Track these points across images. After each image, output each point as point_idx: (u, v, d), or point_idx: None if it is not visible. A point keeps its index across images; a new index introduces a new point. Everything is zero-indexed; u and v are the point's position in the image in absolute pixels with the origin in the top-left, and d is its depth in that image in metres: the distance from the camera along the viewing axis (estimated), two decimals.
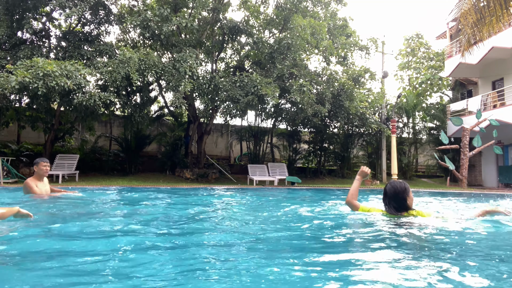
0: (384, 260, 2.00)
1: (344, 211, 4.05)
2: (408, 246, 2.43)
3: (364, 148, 19.73)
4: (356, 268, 1.89)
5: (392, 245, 2.41)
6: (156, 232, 2.89)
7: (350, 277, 1.71)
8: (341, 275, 1.75)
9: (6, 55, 11.57)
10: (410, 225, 3.08)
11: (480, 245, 2.55)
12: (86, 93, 10.54)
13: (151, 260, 1.98)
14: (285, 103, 15.31)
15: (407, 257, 2.09)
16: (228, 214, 4.33)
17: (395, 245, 2.41)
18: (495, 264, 2.01)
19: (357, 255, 2.22)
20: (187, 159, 15.26)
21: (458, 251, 2.32)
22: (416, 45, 24.60)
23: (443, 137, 14.80)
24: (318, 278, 1.70)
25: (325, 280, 1.66)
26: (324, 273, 1.78)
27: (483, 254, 2.28)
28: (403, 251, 2.25)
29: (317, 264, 1.98)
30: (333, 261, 2.04)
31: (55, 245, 2.39)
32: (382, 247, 2.35)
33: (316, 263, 2.00)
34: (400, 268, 1.86)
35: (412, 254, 2.19)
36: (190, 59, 11.63)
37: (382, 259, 2.02)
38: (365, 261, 1.99)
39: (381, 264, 1.93)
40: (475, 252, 2.35)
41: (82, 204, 5.07)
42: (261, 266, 1.88)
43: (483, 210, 3.50)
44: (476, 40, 9.50)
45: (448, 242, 2.59)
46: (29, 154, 13.77)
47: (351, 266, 1.93)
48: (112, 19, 13.54)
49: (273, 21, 15.07)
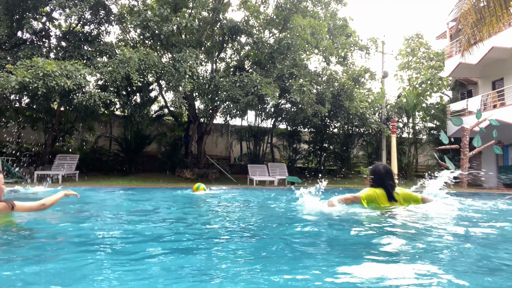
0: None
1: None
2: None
3: (364, 148, 19.73)
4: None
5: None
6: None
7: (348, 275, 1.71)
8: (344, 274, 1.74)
9: (6, 55, 11.57)
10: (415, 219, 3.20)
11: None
12: (86, 93, 10.54)
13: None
14: (285, 103, 15.31)
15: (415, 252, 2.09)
16: (216, 214, 4.34)
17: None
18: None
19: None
20: (187, 159, 15.26)
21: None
22: (416, 45, 24.59)
23: (443, 137, 14.80)
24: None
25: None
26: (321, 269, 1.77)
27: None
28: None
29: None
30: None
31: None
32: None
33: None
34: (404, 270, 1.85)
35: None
36: (190, 59, 11.63)
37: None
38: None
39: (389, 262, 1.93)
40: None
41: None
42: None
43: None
44: (476, 40, 9.51)
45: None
46: (29, 154, 13.77)
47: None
48: (112, 19, 13.53)
49: (273, 21, 15.07)
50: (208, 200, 6.39)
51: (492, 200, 6.65)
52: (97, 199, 6.32)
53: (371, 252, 2.26)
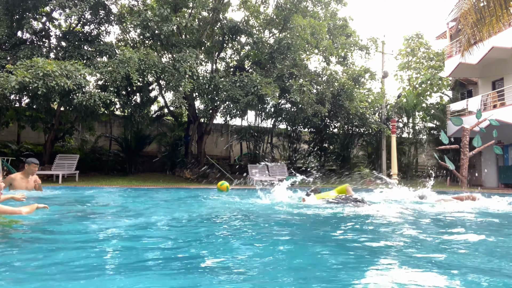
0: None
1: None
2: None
3: (364, 148, 19.72)
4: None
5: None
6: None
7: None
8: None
9: (6, 55, 11.56)
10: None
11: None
12: (86, 93, 10.53)
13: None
14: (285, 103, 15.30)
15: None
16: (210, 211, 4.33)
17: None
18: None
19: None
20: (187, 159, 15.25)
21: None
22: (416, 45, 24.56)
23: (443, 137, 14.79)
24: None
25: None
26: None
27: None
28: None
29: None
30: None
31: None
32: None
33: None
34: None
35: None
36: (190, 59, 11.62)
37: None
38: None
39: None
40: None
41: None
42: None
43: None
44: (476, 40, 9.50)
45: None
46: (29, 154, 13.76)
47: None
48: (112, 19, 13.52)
49: (273, 21, 15.06)
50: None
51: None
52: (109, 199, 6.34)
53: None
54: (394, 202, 5.46)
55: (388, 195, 6.23)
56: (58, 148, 14.67)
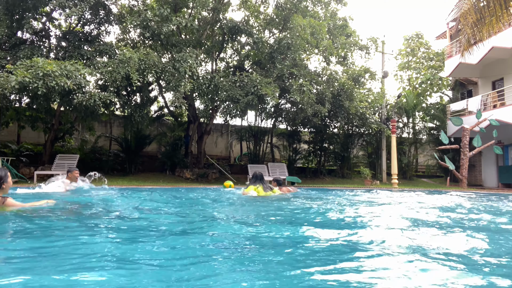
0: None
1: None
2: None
3: (364, 148, 19.72)
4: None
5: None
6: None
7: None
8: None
9: (6, 55, 11.56)
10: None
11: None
12: (86, 93, 10.53)
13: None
14: (285, 103, 15.30)
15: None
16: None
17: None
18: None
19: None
20: (187, 159, 15.26)
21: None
22: (416, 45, 24.56)
23: (443, 137, 14.80)
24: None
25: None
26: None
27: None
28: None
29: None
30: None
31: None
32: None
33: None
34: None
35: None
36: (190, 59, 11.62)
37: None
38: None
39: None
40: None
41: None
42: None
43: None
44: (476, 40, 9.51)
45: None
46: (29, 154, 13.76)
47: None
48: (112, 19, 13.52)
49: (273, 21, 15.06)
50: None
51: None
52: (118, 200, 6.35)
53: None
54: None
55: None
56: (58, 148, 14.68)
